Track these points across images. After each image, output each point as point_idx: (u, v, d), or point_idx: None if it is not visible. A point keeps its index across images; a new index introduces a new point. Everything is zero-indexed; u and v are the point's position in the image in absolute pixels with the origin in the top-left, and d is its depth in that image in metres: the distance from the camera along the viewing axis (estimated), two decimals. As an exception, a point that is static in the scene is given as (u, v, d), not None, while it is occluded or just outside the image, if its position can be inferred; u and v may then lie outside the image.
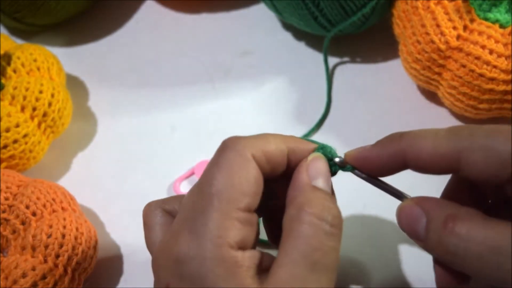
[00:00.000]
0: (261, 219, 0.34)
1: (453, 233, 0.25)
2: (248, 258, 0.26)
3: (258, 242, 0.29)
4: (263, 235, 0.38)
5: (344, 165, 0.30)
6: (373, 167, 0.29)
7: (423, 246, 0.28)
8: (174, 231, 0.28)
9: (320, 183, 0.28)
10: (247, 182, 0.27)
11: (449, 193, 0.31)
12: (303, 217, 0.26)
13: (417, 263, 0.39)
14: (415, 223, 0.27)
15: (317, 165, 0.29)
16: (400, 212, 0.28)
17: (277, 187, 0.30)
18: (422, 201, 0.28)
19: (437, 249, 0.26)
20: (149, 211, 0.32)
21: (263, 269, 0.27)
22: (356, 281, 0.39)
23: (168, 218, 0.31)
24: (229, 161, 0.27)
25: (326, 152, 0.30)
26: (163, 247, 0.28)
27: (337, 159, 0.30)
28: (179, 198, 0.33)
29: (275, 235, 0.32)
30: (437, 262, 0.30)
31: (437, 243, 0.26)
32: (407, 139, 0.28)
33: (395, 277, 0.39)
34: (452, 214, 0.26)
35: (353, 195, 0.40)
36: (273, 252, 0.28)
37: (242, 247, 0.26)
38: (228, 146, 0.28)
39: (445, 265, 0.29)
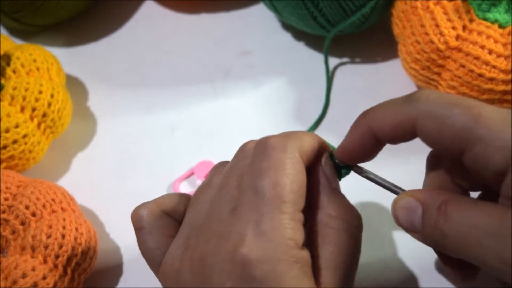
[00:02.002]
0: None
1: (446, 216, 0.25)
2: (309, 256, 0.27)
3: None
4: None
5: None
6: (354, 154, 0.30)
7: (420, 238, 0.28)
8: (228, 231, 0.26)
9: (335, 184, 0.30)
10: (302, 183, 0.27)
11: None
12: (332, 223, 0.28)
13: (417, 263, 0.39)
14: (411, 214, 0.27)
15: (330, 166, 0.30)
16: (395, 206, 0.28)
17: None
18: (416, 193, 0.28)
19: (433, 235, 0.26)
20: (143, 213, 0.31)
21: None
22: (356, 281, 0.39)
23: (168, 220, 0.31)
24: (282, 161, 0.27)
25: None
26: (214, 248, 0.27)
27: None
28: (174, 196, 0.32)
29: None
30: (444, 262, 0.30)
31: (433, 228, 0.26)
32: (369, 114, 0.28)
33: (395, 277, 0.39)
34: (445, 199, 0.26)
35: (353, 195, 0.40)
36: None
37: (303, 248, 0.26)
38: (275, 146, 0.27)
39: (452, 263, 0.30)
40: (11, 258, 0.36)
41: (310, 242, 0.28)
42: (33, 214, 0.38)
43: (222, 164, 0.32)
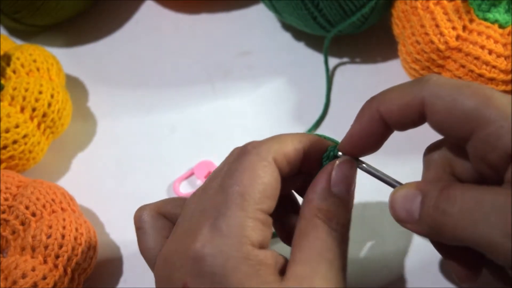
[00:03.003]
0: None
1: (449, 196, 0.25)
2: (270, 256, 0.27)
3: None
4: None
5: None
6: (361, 142, 0.29)
7: (415, 228, 0.27)
8: (190, 228, 0.28)
9: (339, 189, 0.29)
10: (270, 186, 0.27)
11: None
12: (316, 221, 0.28)
13: (417, 263, 0.39)
14: (409, 203, 0.27)
15: (343, 169, 0.29)
16: (393, 197, 0.28)
17: (288, 184, 0.31)
18: (415, 183, 0.28)
19: (432, 218, 0.26)
20: (143, 214, 0.32)
21: (279, 268, 0.27)
22: (356, 281, 0.39)
23: (165, 222, 0.32)
24: (252, 164, 0.28)
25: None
26: (177, 246, 0.28)
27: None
28: (173, 200, 0.33)
29: (287, 232, 0.33)
30: (445, 256, 0.30)
31: (433, 210, 0.26)
32: (377, 98, 0.28)
33: (395, 277, 0.39)
34: (448, 184, 0.26)
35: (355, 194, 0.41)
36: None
37: (262, 247, 0.27)
38: (249, 151, 0.28)
39: (453, 256, 0.30)
40: (11, 258, 0.36)
41: (295, 237, 0.29)
42: (33, 214, 0.38)
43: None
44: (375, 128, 0.29)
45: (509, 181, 0.25)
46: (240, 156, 0.29)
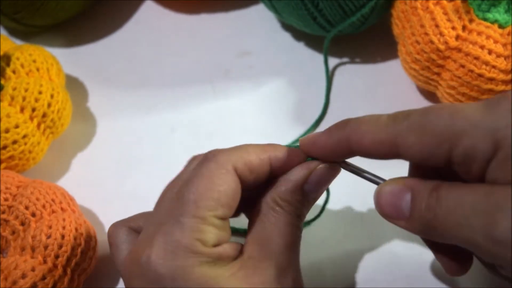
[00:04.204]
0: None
1: (439, 197, 0.25)
2: (229, 248, 0.28)
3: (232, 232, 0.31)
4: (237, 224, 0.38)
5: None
6: (322, 152, 0.30)
7: (405, 225, 0.27)
8: (146, 238, 0.28)
9: (310, 188, 0.30)
10: (225, 194, 0.28)
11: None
12: (275, 207, 0.29)
13: (417, 262, 0.39)
14: (398, 200, 0.27)
15: (324, 174, 0.30)
16: (380, 193, 0.28)
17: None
18: (402, 179, 0.28)
19: (424, 218, 0.26)
20: (114, 230, 0.33)
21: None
22: (356, 281, 0.39)
23: (134, 236, 0.32)
24: (210, 172, 0.28)
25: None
26: (134, 255, 0.28)
27: None
28: (143, 215, 0.34)
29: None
30: (434, 252, 0.31)
31: (424, 211, 0.26)
32: (351, 125, 0.28)
33: (394, 277, 0.39)
34: (438, 184, 0.26)
35: (353, 194, 0.41)
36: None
37: (218, 245, 0.28)
38: (209, 158, 0.29)
39: (442, 253, 0.30)
40: (11, 259, 0.36)
41: (252, 218, 0.30)
42: (33, 215, 0.38)
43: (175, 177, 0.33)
44: (340, 149, 0.29)
45: (490, 181, 0.25)
46: (200, 163, 0.29)
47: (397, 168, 0.31)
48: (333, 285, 0.38)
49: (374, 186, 0.31)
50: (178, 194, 0.29)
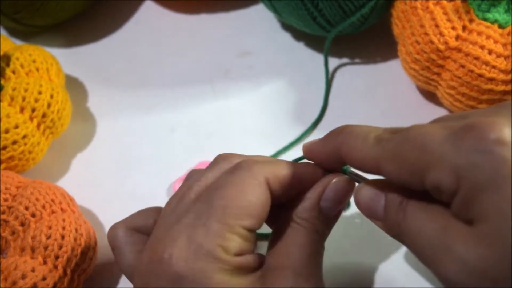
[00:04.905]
0: None
1: (405, 215, 0.26)
2: (251, 259, 0.28)
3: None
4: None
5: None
6: (319, 159, 0.30)
7: (381, 226, 0.28)
8: (166, 237, 0.28)
9: (326, 205, 0.30)
10: (255, 204, 0.28)
11: None
12: (294, 225, 0.29)
13: (417, 262, 0.39)
14: (374, 204, 0.28)
15: (338, 188, 0.30)
16: (358, 193, 0.29)
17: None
18: (378, 183, 0.28)
19: (393, 229, 0.27)
20: (114, 233, 0.32)
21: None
22: (355, 281, 0.39)
23: (138, 236, 0.32)
24: (242, 181, 0.28)
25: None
26: (152, 254, 0.28)
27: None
28: (143, 212, 0.34)
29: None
30: None
31: (393, 222, 0.26)
32: (343, 136, 0.28)
33: (394, 277, 0.39)
34: (407, 200, 0.26)
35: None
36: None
37: (240, 255, 0.28)
38: (243, 167, 0.29)
39: None
40: (10, 259, 0.36)
41: (272, 236, 0.30)
42: (33, 215, 0.38)
43: (192, 174, 0.33)
44: (333, 157, 0.29)
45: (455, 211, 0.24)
46: (232, 171, 0.29)
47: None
48: (333, 285, 0.38)
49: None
50: (206, 198, 0.28)
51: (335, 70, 0.50)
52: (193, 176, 0.32)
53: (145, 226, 0.33)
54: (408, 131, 0.25)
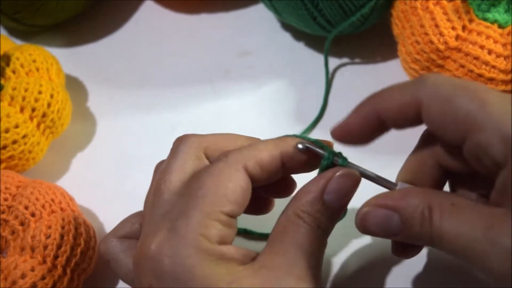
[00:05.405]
0: None
1: (432, 223, 0.26)
2: (234, 250, 0.28)
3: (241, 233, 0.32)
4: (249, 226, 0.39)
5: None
6: (354, 133, 0.30)
7: (400, 239, 0.28)
8: (150, 232, 0.28)
9: (330, 198, 0.29)
10: (233, 190, 0.28)
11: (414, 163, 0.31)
12: (298, 221, 0.29)
13: (417, 262, 0.39)
14: (387, 222, 0.27)
15: (342, 182, 0.29)
16: (363, 217, 0.29)
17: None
18: (383, 200, 0.28)
19: (423, 240, 0.27)
20: (106, 246, 0.33)
21: (247, 261, 0.28)
22: (356, 281, 0.39)
23: (129, 242, 0.33)
24: (218, 171, 0.28)
25: (332, 156, 0.31)
26: (140, 250, 0.28)
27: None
28: (129, 219, 0.34)
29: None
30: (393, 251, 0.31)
31: (419, 232, 0.26)
32: (376, 95, 0.29)
33: (394, 277, 0.39)
34: (429, 206, 0.26)
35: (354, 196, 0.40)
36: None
37: (223, 243, 0.28)
38: (220, 159, 0.29)
39: (400, 252, 0.31)
40: (10, 259, 0.36)
41: (273, 230, 0.30)
42: (33, 215, 0.38)
43: (159, 165, 0.34)
44: (370, 123, 0.29)
45: (498, 191, 0.25)
46: (211, 164, 0.30)
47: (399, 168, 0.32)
48: (333, 285, 0.38)
49: (374, 185, 0.31)
50: (185, 190, 0.29)
51: (335, 70, 0.50)
52: (160, 167, 0.32)
53: (133, 231, 0.33)
54: (466, 82, 0.25)
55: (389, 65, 0.49)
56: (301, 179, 0.32)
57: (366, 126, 0.29)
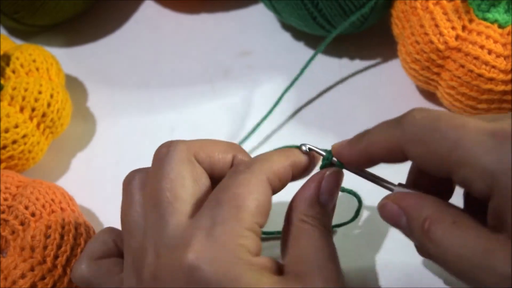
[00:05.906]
0: None
1: (429, 237, 0.26)
2: (268, 261, 0.28)
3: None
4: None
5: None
6: (349, 162, 0.31)
7: (406, 234, 0.29)
8: (176, 239, 0.27)
9: (325, 198, 0.30)
10: (264, 203, 0.28)
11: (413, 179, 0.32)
12: (304, 225, 0.29)
13: (416, 262, 0.39)
14: (397, 219, 0.28)
15: (333, 180, 0.31)
16: (381, 209, 0.29)
17: None
18: (400, 199, 0.28)
19: (422, 247, 0.27)
20: (80, 273, 0.32)
21: (277, 271, 0.28)
22: (355, 281, 0.39)
23: (110, 260, 0.32)
24: (247, 181, 0.28)
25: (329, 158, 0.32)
26: (165, 260, 0.27)
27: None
28: (97, 239, 0.33)
29: None
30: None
31: (419, 242, 0.27)
32: (366, 136, 0.29)
33: (394, 277, 0.39)
34: (429, 217, 0.26)
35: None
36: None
37: (257, 255, 0.27)
38: (243, 170, 0.29)
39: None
40: (10, 258, 0.36)
41: (283, 241, 0.30)
42: (33, 214, 0.38)
43: (132, 179, 0.32)
44: (364, 160, 0.30)
45: (490, 219, 0.25)
46: (232, 175, 0.29)
47: (400, 167, 0.32)
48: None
49: (373, 186, 0.31)
50: (218, 199, 0.28)
51: (335, 70, 0.50)
52: (131, 182, 0.32)
53: (107, 250, 0.32)
54: (439, 119, 0.25)
55: (389, 65, 0.49)
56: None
57: (359, 161, 0.30)
